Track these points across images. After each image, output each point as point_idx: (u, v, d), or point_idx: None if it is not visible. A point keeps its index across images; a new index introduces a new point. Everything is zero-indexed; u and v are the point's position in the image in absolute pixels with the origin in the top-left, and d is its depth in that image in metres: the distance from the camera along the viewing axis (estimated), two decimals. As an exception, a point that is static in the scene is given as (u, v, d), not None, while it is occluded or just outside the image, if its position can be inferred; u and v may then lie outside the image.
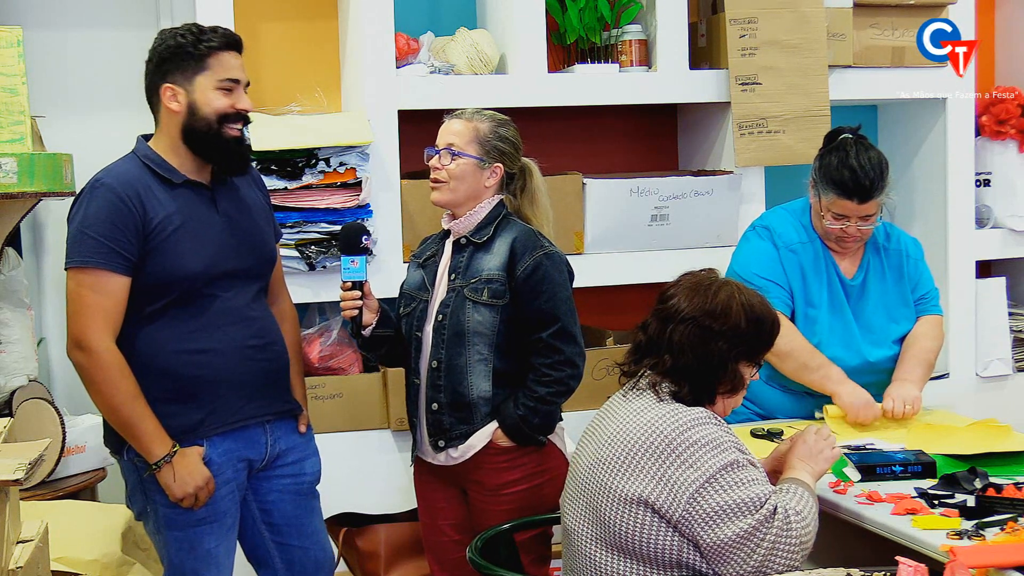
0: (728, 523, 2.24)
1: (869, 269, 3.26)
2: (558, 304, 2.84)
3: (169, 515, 2.68)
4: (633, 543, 2.30)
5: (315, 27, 4.10)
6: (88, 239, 2.59)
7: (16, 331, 3.69)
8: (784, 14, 4.02)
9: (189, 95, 2.66)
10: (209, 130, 2.67)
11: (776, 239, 3.25)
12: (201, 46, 2.65)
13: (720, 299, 2.41)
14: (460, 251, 2.92)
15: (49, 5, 4.12)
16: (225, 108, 2.67)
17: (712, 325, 2.38)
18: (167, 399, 2.65)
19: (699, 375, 2.39)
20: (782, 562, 2.24)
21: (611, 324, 4.06)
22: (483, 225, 2.91)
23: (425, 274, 2.97)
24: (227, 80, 2.67)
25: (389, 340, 2.98)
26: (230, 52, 2.69)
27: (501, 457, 2.86)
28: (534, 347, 2.85)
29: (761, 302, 2.47)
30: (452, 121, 2.94)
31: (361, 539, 3.51)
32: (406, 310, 2.98)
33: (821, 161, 3.18)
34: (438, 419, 2.88)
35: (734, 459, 2.28)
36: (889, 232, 3.33)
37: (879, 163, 3.11)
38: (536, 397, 2.83)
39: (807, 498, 2.33)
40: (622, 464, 2.33)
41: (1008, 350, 4.49)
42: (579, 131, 4.34)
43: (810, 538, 2.28)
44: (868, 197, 3.08)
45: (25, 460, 2.14)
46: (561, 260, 2.89)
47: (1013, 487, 2.42)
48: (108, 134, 3.83)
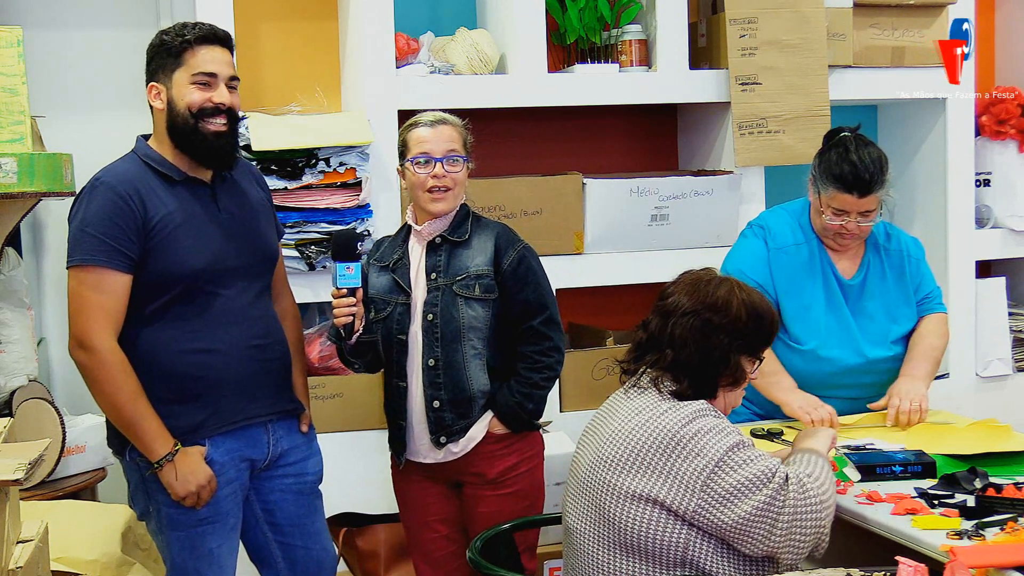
0: (744, 500, 2.26)
1: (869, 269, 3.26)
2: (543, 293, 2.94)
3: (172, 515, 2.67)
4: (639, 540, 2.31)
5: (315, 27, 4.10)
6: (89, 238, 2.59)
7: (16, 331, 3.69)
8: (784, 14, 4.02)
9: (168, 91, 2.66)
10: (186, 125, 2.65)
11: (769, 239, 3.25)
12: (177, 41, 2.64)
13: (720, 294, 2.44)
14: (435, 250, 2.93)
15: (49, 5, 4.12)
16: (200, 102, 2.65)
17: (713, 318, 2.41)
18: (170, 399, 2.65)
19: (700, 369, 2.40)
20: (809, 527, 2.27)
21: (611, 324, 4.07)
22: (459, 223, 2.94)
23: (397, 277, 2.96)
24: (201, 74, 2.65)
25: (374, 346, 2.97)
26: (207, 46, 2.66)
27: (498, 445, 2.92)
28: (524, 336, 2.92)
29: (761, 298, 2.49)
30: (441, 128, 2.93)
31: (361, 539, 3.51)
32: (380, 315, 2.96)
33: (821, 157, 3.18)
34: (440, 416, 2.89)
35: (738, 440, 2.31)
36: (889, 232, 3.32)
37: (879, 158, 3.11)
38: (531, 383, 2.90)
39: (816, 461, 2.37)
40: (627, 462, 2.34)
41: (1008, 350, 4.49)
42: (579, 131, 4.34)
43: (830, 498, 2.32)
44: (868, 191, 3.08)
45: (25, 460, 2.14)
46: (534, 251, 3.00)
47: (1013, 487, 2.42)
48: (108, 134, 3.83)
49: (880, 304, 3.24)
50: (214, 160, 2.71)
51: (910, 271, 3.29)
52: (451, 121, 2.96)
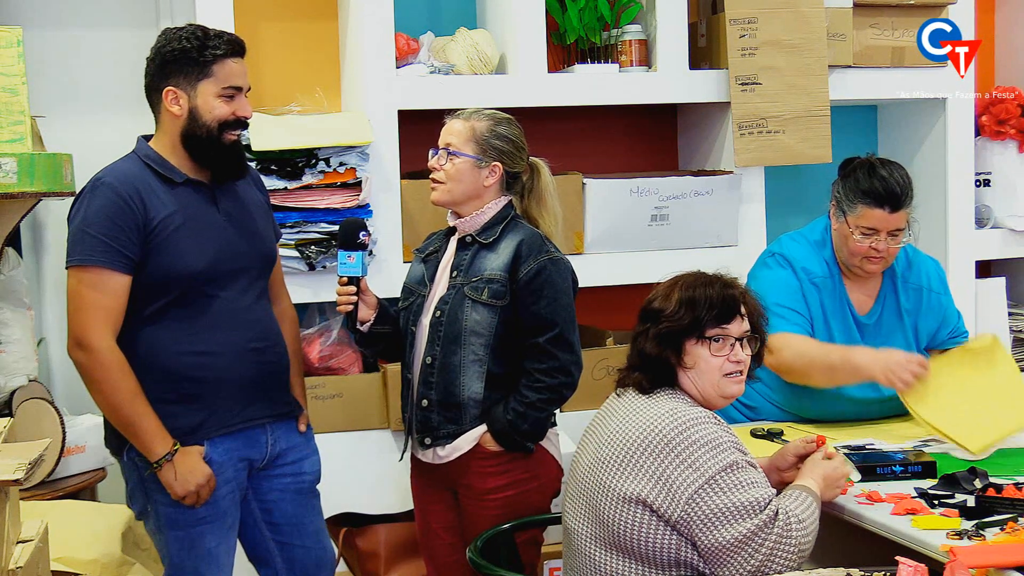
0: (728, 525, 2.24)
1: (885, 305, 3.23)
2: (558, 310, 2.82)
3: (170, 514, 2.68)
4: (632, 542, 2.31)
5: (315, 27, 4.10)
6: (89, 238, 2.59)
7: (16, 331, 3.69)
8: (784, 14, 4.02)
9: (191, 100, 2.66)
10: (209, 136, 2.67)
11: (799, 272, 3.19)
12: (207, 53, 2.65)
13: (664, 286, 2.49)
14: (464, 249, 2.91)
15: (49, 5, 4.12)
16: (226, 116, 2.68)
17: (649, 308, 2.47)
18: (168, 400, 2.65)
19: (644, 361, 2.44)
20: (779, 565, 2.24)
21: (611, 324, 4.06)
22: (490, 225, 2.90)
23: (426, 269, 2.97)
24: (230, 88, 2.68)
25: (387, 337, 2.97)
26: (234, 59, 2.68)
27: (489, 462, 2.85)
28: (529, 351, 2.83)
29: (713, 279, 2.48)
30: (452, 121, 2.94)
31: (361, 539, 3.51)
32: (404, 304, 2.99)
33: (845, 180, 3.14)
34: (426, 416, 2.87)
35: (734, 460, 2.28)
36: (911, 260, 3.28)
37: (907, 175, 3.11)
38: (527, 403, 2.81)
39: (810, 504, 2.33)
40: (620, 463, 2.34)
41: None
42: (579, 131, 4.34)
43: (809, 545, 2.29)
44: (899, 206, 3.06)
45: (25, 460, 2.14)
46: (566, 267, 2.89)
47: (1013, 487, 2.42)
48: (108, 134, 3.83)
49: (892, 343, 3.20)
50: (230, 169, 2.73)
51: (930, 305, 3.26)
52: (467, 115, 2.92)
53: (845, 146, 4.10)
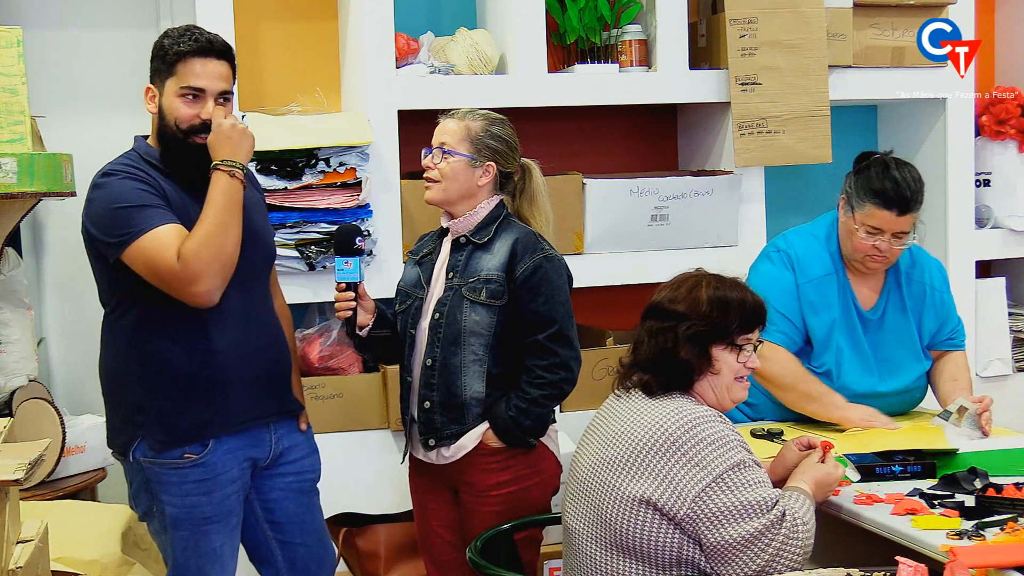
0: (735, 524, 2.24)
1: (889, 301, 3.23)
2: (556, 307, 2.84)
3: (176, 514, 2.67)
4: (635, 543, 2.30)
5: (315, 27, 4.10)
6: (125, 210, 2.54)
7: (16, 331, 3.69)
8: (784, 14, 4.02)
9: (160, 98, 2.65)
10: (174, 136, 2.64)
11: (798, 272, 3.20)
12: (172, 49, 2.61)
13: (685, 285, 2.45)
14: (459, 250, 2.92)
15: (49, 5, 4.12)
16: (188, 118, 2.62)
17: (674, 309, 2.42)
18: (175, 398, 2.64)
19: (663, 362, 2.40)
20: (783, 565, 2.24)
21: (611, 324, 4.06)
22: (483, 225, 2.91)
23: (421, 271, 2.97)
24: (188, 88, 2.61)
25: (386, 341, 2.98)
26: (201, 59, 2.61)
27: (491, 458, 2.86)
28: (529, 349, 2.84)
29: (734, 283, 2.47)
30: (446, 121, 2.95)
31: (361, 539, 3.51)
32: (402, 307, 2.99)
33: (858, 176, 3.13)
34: (430, 418, 2.88)
35: (741, 459, 2.28)
36: (915, 258, 3.28)
37: (919, 179, 3.10)
38: (529, 399, 2.82)
39: (809, 507, 2.34)
40: (626, 463, 2.33)
41: (1008, 350, 4.49)
42: (579, 131, 4.34)
43: (811, 546, 2.29)
44: (907, 209, 3.06)
45: (25, 460, 2.14)
46: (561, 264, 2.90)
47: (1013, 487, 2.42)
48: (108, 134, 3.83)
49: (897, 338, 3.22)
50: (195, 172, 2.66)
51: (932, 304, 3.26)
52: (461, 115, 2.93)
53: (845, 146, 4.10)
